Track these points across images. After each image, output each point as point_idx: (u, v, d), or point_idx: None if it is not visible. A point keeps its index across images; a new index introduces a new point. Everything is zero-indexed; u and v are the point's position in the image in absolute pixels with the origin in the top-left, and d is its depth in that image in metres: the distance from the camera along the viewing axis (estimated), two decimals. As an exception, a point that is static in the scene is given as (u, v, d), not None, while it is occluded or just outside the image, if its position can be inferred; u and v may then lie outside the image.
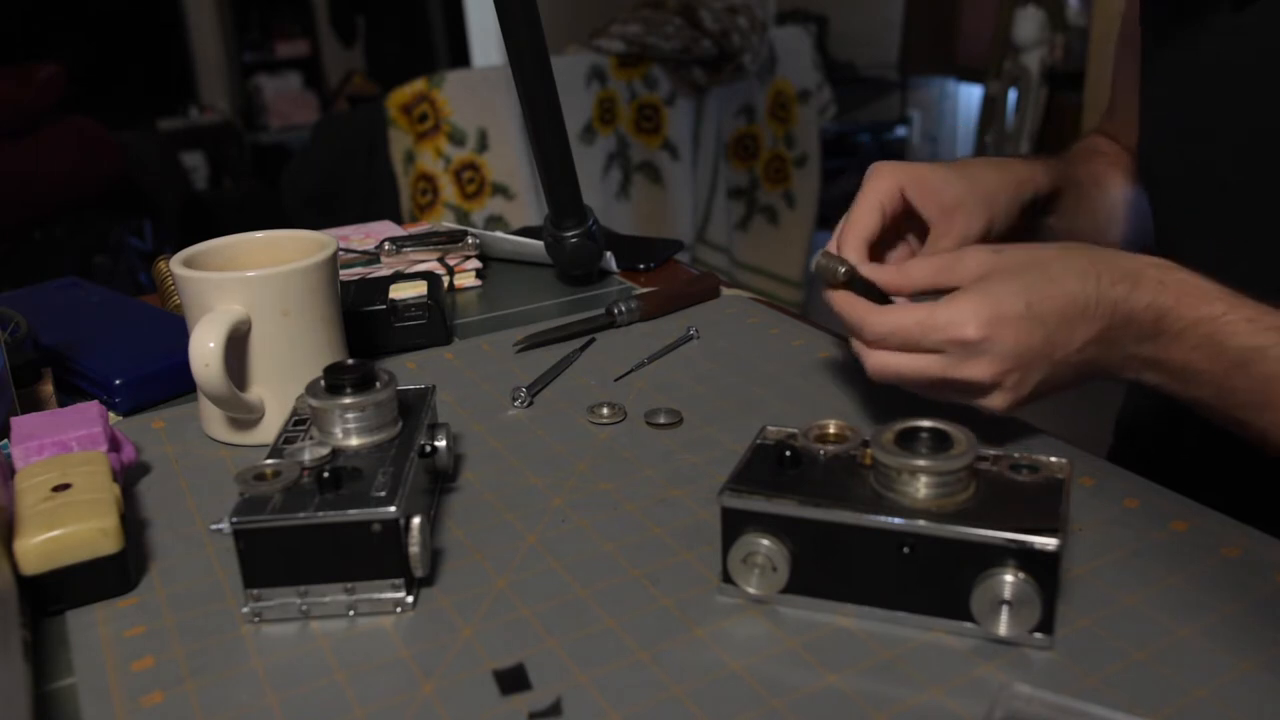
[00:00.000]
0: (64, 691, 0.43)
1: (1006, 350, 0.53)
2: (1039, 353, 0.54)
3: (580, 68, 2.62)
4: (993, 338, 0.53)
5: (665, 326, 0.78)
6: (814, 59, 3.15)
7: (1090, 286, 0.54)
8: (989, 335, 0.53)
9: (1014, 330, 0.53)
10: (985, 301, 0.53)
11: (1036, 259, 0.55)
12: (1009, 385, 0.54)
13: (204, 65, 4.62)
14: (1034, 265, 0.55)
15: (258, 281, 0.60)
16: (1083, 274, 0.54)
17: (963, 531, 0.42)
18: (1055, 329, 0.53)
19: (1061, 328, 0.53)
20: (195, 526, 0.55)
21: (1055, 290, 0.53)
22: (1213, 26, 0.64)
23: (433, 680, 0.42)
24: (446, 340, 0.78)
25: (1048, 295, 0.53)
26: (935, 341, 0.54)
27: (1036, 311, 0.53)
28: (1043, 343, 0.53)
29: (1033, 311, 0.53)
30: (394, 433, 0.52)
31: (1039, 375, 0.54)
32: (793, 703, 0.40)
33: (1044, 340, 0.53)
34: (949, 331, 0.53)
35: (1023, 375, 0.54)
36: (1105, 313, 0.53)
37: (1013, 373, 0.54)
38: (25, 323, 0.70)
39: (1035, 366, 0.54)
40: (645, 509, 0.54)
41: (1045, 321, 0.53)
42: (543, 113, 0.80)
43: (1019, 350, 0.53)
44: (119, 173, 3.22)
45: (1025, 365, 0.54)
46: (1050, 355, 0.54)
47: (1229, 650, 0.42)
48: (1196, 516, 0.51)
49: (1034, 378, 0.54)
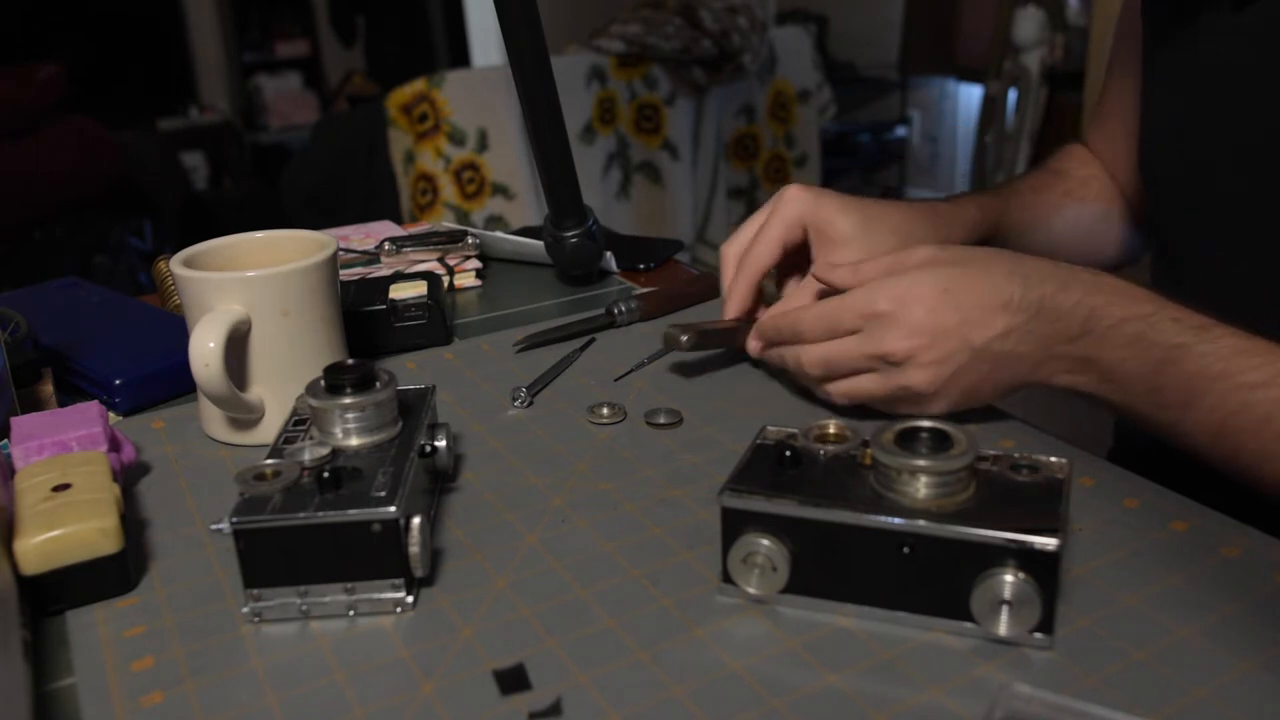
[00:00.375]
0: (64, 691, 0.43)
1: (916, 322, 0.55)
2: (954, 332, 0.55)
3: (580, 68, 2.62)
4: (902, 311, 0.55)
5: (665, 326, 0.78)
6: (814, 59, 3.15)
7: (1016, 283, 0.55)
8: (898, 309, 0.56)
9: (925, 306, 0.55)
10: (900, 281, 0.56)
11: (971, 255, 0.58)
12: (926, 360, 0.56)
13: (204, 65, 4.62)
14: (965, 259, 0.57)
15: (257, 281, 0.60)
16: (1010, 272, 0.56)
17: (963, 531, 0.42)
18: (971, 312, 0.55)
19: (979, 312, 0.55)
20: (195, 526, 0.55)
21: (978, 280, 0.56)
22: (1213, 27, 0.64)
23: (433, 680, 0.42)
24: (446, 340, 0.78)
25: (969, 285, 0.56)
26: (852, 319, 0.57)
27: (954, 296, 0.55)
28: (958, 323, 0.55)
29: (950, 296, 0.55)
30: (394, 433, 0.52)
31: (958, 359, 0.56)
32: (793, 703, 0.40)
33: (959, 321, 0.55)
34: (861, 307, 0.57)
35: (939, 354, 0.55)
36: (1029, 306, 0.55)
37: (928, 348, 0.55)
38: (25, 323, 0.70)
39: (952, 347, 0.55)
40: (645, 509, 0.54)
41: (960, 305, 0.55)
42: (543, 113, 0.80)
43: (931, 324, 0.55)
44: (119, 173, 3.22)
45: (939, 342, 0.55)
46: (967, 338, 0.55)
47: (1229, 650, 0.42)
48: (1196, 516, 0.51)
49: (953, 360, 0.56)
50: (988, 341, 0.55)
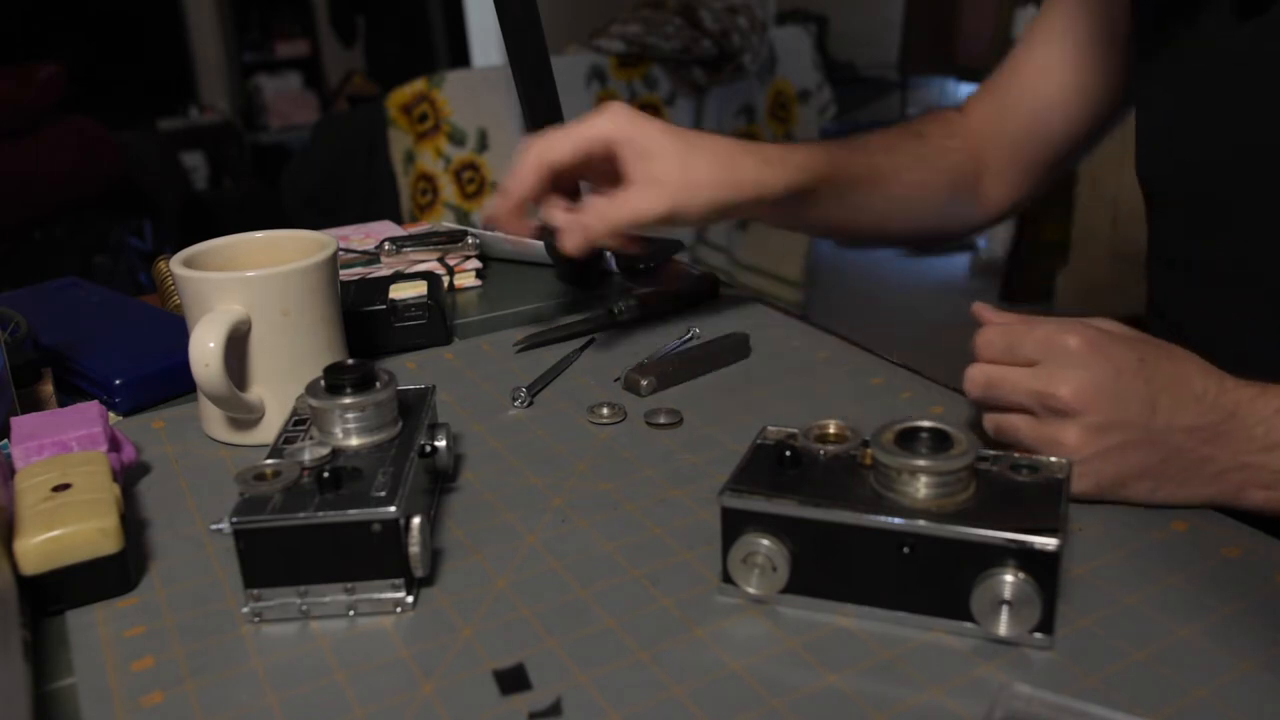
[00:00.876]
0: (64, 691, 0.43)
1: (1100, 376, 0.49)
2: (1135, 404, 0.48)
3: (580, 68, 2.62)
4: (1090, 357, 0.49)
5: (665, 326, 0.78)
6: (814, 59, 3.15)
7: (1212, 380, 0.49)
8: (1086, 354, 0.49)
9: (1115, 365, 0.49)
10: (1098, 331, 0.50)
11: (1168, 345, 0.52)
12: (1091, 421, 0.49)
13: (204, 65, 4.62)
14: (1164, 344, 0.52)
15: (258, 281, 0.60)
16: (1205, 369, 0.50)
17: (963, 531, 0.42)
18: (1162, 393, 0.49)
19: (1170, 396, 0.49)
20: (195, 526, 0.55)
21: (1176, 365, 0.50)
22: (1216, 34, 0.63)
23: (433, 680, 0.42)
24: (446, 340, 0.77)
25: (1166, 365, 0.50)
26: (1033, 347, 0.51)
27: (1149, 369, 0.49)
28: (1144, 397, 0.48)
29: (1145, 366, 0.49)
30: (394, 433, 0.52)
31: (1127, 434, 0.49)
32: (793, 703, 0.40)
33: (1146, 395, 0.48)
34: (1048, 338, 0.50)
35: (1108, 419, 0.49)
36: (1223, 408, 0.49)
37: (1099, 408, 0.48)
38: (25, 323, 0.70)
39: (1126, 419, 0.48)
40: (645, 509, 0.54)
41: (1152, 380, 0.49)
42: (543, 113, 0.80)
43: (1114, 386, 0.48)
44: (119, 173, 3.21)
45: (1115, 407, 0.48)
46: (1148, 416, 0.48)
47: (1229, 650, 0.42)
48: (1196, 516, 0.51)
49: (1120, 433, 0.49)
50: (1169, 429, 0.48)
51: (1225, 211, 0.65)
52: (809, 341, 0.75)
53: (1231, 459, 0.49)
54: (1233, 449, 0.49)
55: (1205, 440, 0.49)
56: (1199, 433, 0.49)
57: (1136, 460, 0.49)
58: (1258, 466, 0.49)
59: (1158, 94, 0.70)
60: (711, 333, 0.74)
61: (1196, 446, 0.49)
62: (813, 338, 0.75)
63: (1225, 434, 0.49)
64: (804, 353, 0.73)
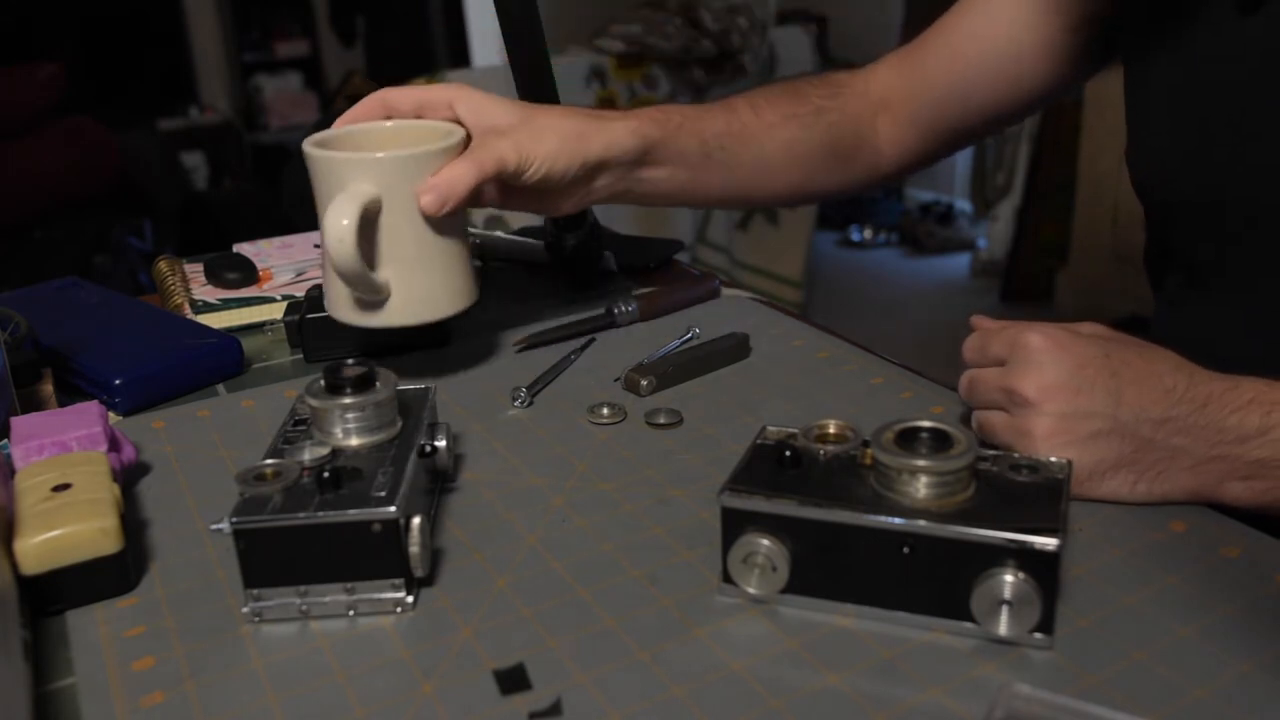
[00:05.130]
0: (64, 691, 0.43)
1: (1061, 371, 0.50)
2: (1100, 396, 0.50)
3: (580, 68, 2.63)
4: (1051, 353, 0.51)
5: (665, 326, 0.78)
6: (814, 59, 3.15)
7: (1182, 375, 0.50)
8: (1047, 350, 0.51)
9: (1077, 359, 0.51)
10: (1064, 330, 0.52)
11: (1141, 342, 0.53)
12: (1053, 410, 0.50)
13: (204, 65, 4.62)
14: (1136, 342, 0.53)
15: (389, 162, 0.60)
16: (1176, 365, 0.51)
17: (963, 531, 0.42)
18: (1128, 386, 0.50)
19: (1136, 389, 0.50)
20: (195, 526, 0.55)
21: (1144, 361, 0.51)
22: (1216, 30, 0.63)
23: (433, 680, 0.42)
24: (446, 340, 0.78)
25: (1134, 362, 0.51)
26: (1000, 347, 0.54)
27: (1113, 364, 0.50)
28: (1108, 390, 0.50)
29: (1109, 361, 0.51)
30: (394, 433, 0.52)
31: (1093, 424, 0.50)
32: (793, 703, 0.40)
33: (1111, 389, 0.50)
34: (1013, 337, 0.53)
35: (1073, 409, 0.50)
36: (1194, 400, 0.49)
37: (1062, 398, 0.50)
38: (25, 323, 0.70)
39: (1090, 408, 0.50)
40: (645, 509, 0.54)
41: (1118, 374, 0.50)
42: (543, 113, 0.80)
43: (1077, 379, 0.50)
44: (119, 173, 3.22)
45: (1078, 398, 0.50)
46: (1114, 407, 0.50)
47: (1229, 650, 0.42)
48: (1195, 517, 0.51)
49: (1086, 423, 0.50)
50: (1137, 420, 0.49)
51: (1219, 213, 0.65)
52: (809, 341, 0.75)
53: (1206, 451, 0.50)
54: (1206, 441, 0.49)
55: (1176, 432, 0.50)
56: (1169, 424, 0.49)
57: (1108, 450, 0.50)
58: (1233, 458, 0.49)
59: (1156, 95, 0.70)
60: (711, 333, 0.74)
61: (1168, 438, 0.50)
62: (813, 338, 0.75)
63: (1197, 426, 0.49)
64: (804, 353, 0.73)
